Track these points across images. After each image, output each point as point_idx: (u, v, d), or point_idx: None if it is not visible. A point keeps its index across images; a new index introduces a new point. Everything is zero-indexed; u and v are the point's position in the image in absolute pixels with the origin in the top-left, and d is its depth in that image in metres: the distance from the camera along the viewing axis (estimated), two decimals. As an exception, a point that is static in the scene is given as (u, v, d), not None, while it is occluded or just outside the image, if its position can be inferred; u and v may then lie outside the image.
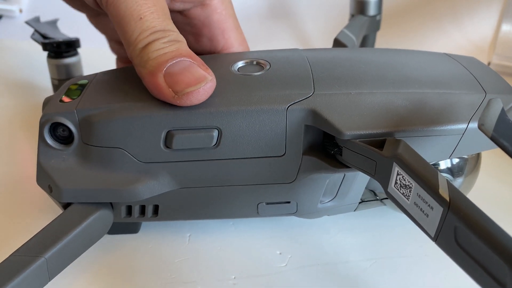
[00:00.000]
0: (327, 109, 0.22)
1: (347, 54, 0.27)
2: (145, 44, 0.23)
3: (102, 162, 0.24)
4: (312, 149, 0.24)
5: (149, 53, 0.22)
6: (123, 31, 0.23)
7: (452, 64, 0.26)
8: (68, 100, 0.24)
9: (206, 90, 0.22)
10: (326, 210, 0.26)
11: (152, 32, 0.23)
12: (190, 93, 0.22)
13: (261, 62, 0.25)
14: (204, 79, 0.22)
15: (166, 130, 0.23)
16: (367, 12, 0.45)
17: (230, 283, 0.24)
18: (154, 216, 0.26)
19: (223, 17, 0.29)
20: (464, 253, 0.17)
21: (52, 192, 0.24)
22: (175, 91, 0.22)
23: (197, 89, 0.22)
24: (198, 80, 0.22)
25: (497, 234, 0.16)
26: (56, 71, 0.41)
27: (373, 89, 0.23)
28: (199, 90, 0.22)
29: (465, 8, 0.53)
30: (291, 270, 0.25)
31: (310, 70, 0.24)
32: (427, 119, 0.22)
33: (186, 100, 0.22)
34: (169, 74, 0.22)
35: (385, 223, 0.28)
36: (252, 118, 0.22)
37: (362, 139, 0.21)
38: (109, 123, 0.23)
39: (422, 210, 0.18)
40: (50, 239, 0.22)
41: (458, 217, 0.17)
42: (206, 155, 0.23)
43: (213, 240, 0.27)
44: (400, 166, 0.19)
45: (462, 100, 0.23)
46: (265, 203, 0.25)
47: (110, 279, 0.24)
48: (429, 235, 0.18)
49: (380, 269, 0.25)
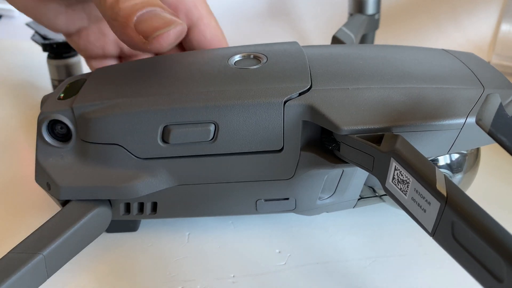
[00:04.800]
0: (324, 104, 0.22)
1: (345, 50, 0.27)
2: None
3: (100, 159, 0.24)
4: (310, 144, 0.24)
5: (120, 4, 0.23)
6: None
7: (450, 60, 0.26)
8: (65, 98, 0.25)
9: (175, 33, 0.22)
10: (325, 206, 0.26)
11: None
12: (159, 36, 0.22)
13: (258, 56, 0.25)
14: (173, 22, 0.22)
15: (163, 125, 0.23)
16: (365, 10, 0.45)
17: (229, 282, 0.24)
18: (152, 213, 0.26)
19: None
20: (461, 248, 0.17)
21: (51, 189, 0.24)
22: (145, 37, 0.22)
23: (166, 32, 0.22)
24: (167, 23, 0.22)
25: (494, 229, 0.16)
26: (56, 71, 0.41)
27: (371, 84, 0.23)
28: (168, 33, 0.22)
29: (465, 8, 0.53)
30: (290, 269, 0.25)
31: (308, 64, 0.24)
32: (425, 114, 0.22)
33: (156, 44, 0.22)
34: (139, 22, 0.23)
35: (384, 221, 0.28)
36: (249, 112, 0.22)
37: (359, 134, 0.21)
38: (106, 119, 0.23)
39: (420, 205, 0.18)
40: (48, 237, 0.22)
41: (455, 212, 0.17)
42: (203, 150, 0.23)
43: (212, 238, 0.27)
44: (398, 161, 0.19)
45: (460, 95, 0.23)
46: (264, 200, 0.25)
47: (109, 277, 0.24)
48: (427, 230, 0.18)
49: (379, 267, 0.25)
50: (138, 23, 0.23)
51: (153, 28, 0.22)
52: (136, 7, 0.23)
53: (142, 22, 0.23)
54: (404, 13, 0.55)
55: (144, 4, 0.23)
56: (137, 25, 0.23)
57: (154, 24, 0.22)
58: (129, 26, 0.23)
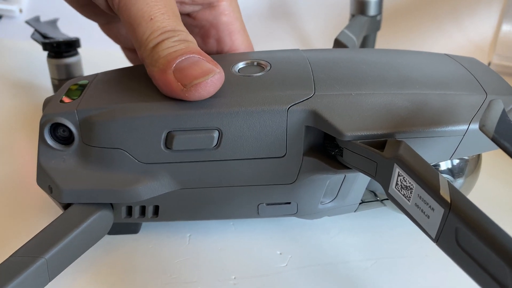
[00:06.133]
0: (327, 110, 0.22)
1: (348, 55, 0.27)
2: (156, 43, 0.23)
3: (102, 163, 0.24)
4: (313, 150, 0.24)
5: (159, 51, 0.23)
6: (134, 32, 0.24)
7: (453, 65, 0.26)
8: (68, 101, 0.24)
9: (214, 82, 0.22)
10: (326, 211, 0.26)
11: (162, 32, 0.23)
12: (198, 84, 0.22)
13: (262, 63, 0.25)
14: (211, 71, 0.22)
15: (167, 131, 0.23)
16: (367, 12, 0.45)
17: (230, 283, 0.24)
18: (154, 217, 0.26)
19: (231, 19, 0.29)
20: (465, 254, 0.17)
21: (52, 192, 0.24)
22: (183, 84, 0.22)
23: (205, 81, 0.22)
24: (206, 72, 0.22)
25: (498, 235, 0.16)
26: (56, 71, 0.41)
27: (374, 90, 0.23)
28: (206, 82, 0.22)
29: (466, 8, 0.53)
30: (292, 270, 0.25)
31: (311, 71, 0.24)
32: (428, 120, 0.22)
33: (195, 92, 0.22)
34: (178, 69, 0.22)
35: (385, 223, 0.28)
36: (253, 119, 0.22)
37: (362, 140, 0.21)
38: (109, 123, 0.23)
39: (423, 211, 0.18)
40: (50, 240, 0.22)
41: (459, 219, 0.17)
42: (206, 156, 0.23)
43: (213, 240, 0.27)
44: (401, 167, 0.19)
45: (463, 101, 0.23)
46: (266, 204, 0.25)
47: (111, 280, 0.24)
48: (430, 236, 0.18)
49: (380, 270, 0.25)
50: (177, 70, 0.22)
51: (192, 76, 0.22)
52: (176, 54, 0.23)
53: (181, 70, 0.22)
54: (405, 14, 0.55)
55: (184, 51, 0.23)
56: (176, 72, 0.22)
57: (193, 72, 0.22)
58: (167, 72, 0.22)
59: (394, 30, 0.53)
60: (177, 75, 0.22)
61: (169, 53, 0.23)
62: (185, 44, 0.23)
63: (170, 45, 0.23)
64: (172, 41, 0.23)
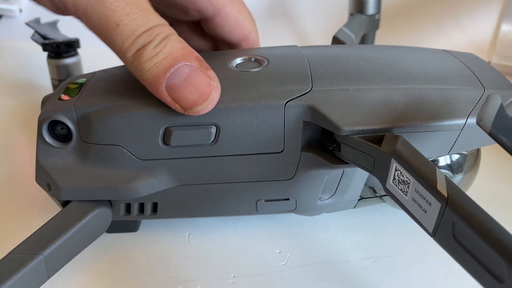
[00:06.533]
0: (325, 105, 0.22)
1: (346, 51, 0.27)
2: (134, 52, 0.21)
3: (100, 160, 0.24)
4: (311, 145, 0.24)
5: (143, 64, 0.21)
6: (105, 41, 0.21)
7: (451, 60, 0.26)
8: (66, 98, 0.24)
9: (214, 102, 0.22)
10: (325, 207, 0.26)
11: (135, 37, 0.21)
12: (199, 111, 0.22)
13: (259, 59, 0.25)
14: (209, 95, 0.22)
15: (164, 127, 0.23)
16: (366, 11, 0.45)
17: (229, 282, 0.24)
18: (153, 214, 0.26)
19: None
20: (462, 249, 0.17)
21: (51, 190, 0.24)
22: (183, 107, 0.22)
23: (206, 107, 0.22)
24: (205, 96, 0.22)
25: (495, 229, 0.16)
26: (56, 71, 0.41)
27: (371, 85, 0.23)
28: (207, 107, 0.22)
29: (465, 8, 0.53)
30: (291, 269, 0.25)
31: (308, 66, 0.24)
32: (426, 114, 0.22)
33: (195, 115, 0.22)
34: (171, 88, 0.21)
35: (385, 221, 0.28)
36: (250, 114, 0.22)
37: (360, 135, 0.21)
38: (107, 120, 0.23)
39: (420, 206, 0.18)
40: (48, 237, 0.22)
41: (456, 213, 0.17)
42: (204, 152, 0.23)
43: (212, 238, 0.27)
44: (398, 162, 0.19)
45: (460, 96, 0.23)
46: (264, 200, 0.25)
47: (110, 278, 0.24)
48: (427, 230, 0.18)
49: (380, 268, 0.25)
50: (170, 89, 0.21)
51: (190, 102, 0.21)
52: (162, 67, 0.21)
53: (174, 89, 0.21)
54: (404, 13, 0.55)
55: (170, 61, 0.21)
56: (169, 91, 0.21)
57: (190, 97, 0.21)
58: (159, 90, 0.21)
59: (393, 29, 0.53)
60: (172, 95, 0.21)
61: (154, 66, 0.21)
62: (167, 48, 0.21)
63: (151, 54, 0.21)
64: (152, 48, 0.21)
